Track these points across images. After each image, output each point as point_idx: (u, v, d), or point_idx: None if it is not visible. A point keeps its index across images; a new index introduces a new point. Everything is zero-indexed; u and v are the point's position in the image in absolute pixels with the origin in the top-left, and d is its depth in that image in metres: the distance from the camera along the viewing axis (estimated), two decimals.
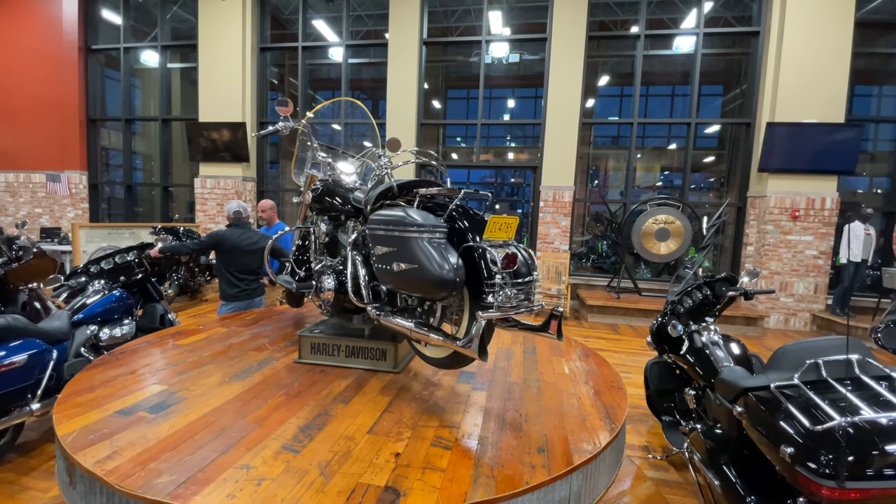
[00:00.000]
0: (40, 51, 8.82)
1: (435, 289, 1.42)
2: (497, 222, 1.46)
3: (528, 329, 1.61)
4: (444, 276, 1.39)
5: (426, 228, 1.46)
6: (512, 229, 1.50)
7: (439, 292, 1.43)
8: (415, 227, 1.46)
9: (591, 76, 9.44)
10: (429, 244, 1.45)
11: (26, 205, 9.12)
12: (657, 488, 2.58)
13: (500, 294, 1.39)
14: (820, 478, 1.32)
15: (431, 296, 1.51)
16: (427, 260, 1.42)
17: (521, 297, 1.44)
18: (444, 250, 1.45)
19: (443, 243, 1.47)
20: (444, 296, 1.47)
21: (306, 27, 8.40)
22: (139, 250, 3.56)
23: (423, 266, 1.42)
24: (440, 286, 1.40)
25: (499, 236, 1.48)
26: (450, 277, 1.39)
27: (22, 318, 2.53)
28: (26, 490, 2.35)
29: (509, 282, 1.42)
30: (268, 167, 8.96)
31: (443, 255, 1.43)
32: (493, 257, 1.41)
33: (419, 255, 1.43)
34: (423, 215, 1.51)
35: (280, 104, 2.22)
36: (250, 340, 2.36)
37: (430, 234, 1.46)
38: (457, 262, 1.43)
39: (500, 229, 1.47)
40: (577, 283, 7.76)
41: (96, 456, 1.21)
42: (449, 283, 1.40)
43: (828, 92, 6.44)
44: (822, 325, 6.57)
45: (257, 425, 1.44)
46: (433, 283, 1.41)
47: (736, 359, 2.35)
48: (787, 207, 6.57)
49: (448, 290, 1.42)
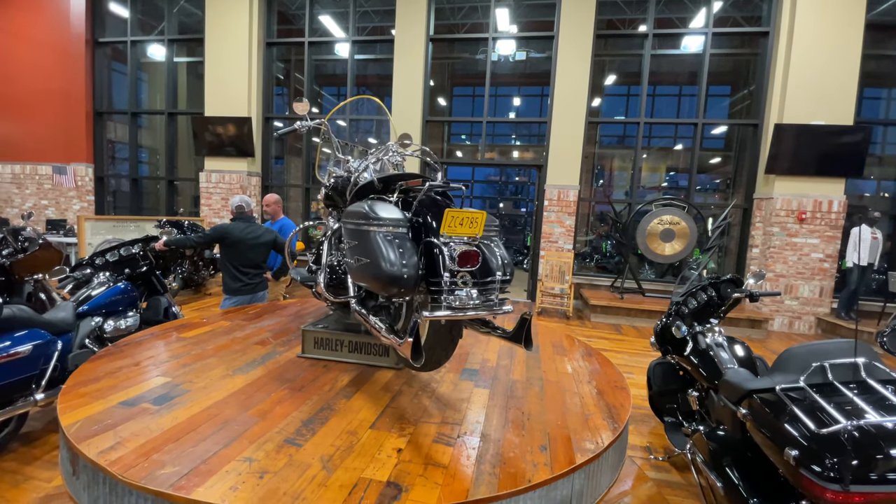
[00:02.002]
0: (48, 43, 8.85)
1: (384, 285, 1.36)
2: (457, 216, 1.34)
3: (501, 336, 1.55)
4: (392, 273, 1.33)
5: (383, 222, 1.41)
6: (478, 225, 1.38)
7: (390, 289, 1.37)
8: (372, 221, 1.41)
9: (598, 75, 9.39)
10: (383, 239, 1.39)
11: (32, 196, 9.17)
12: (658, 489, 2.57)
13: (448, 294, 1.31)
14: (824, 481, 1.31)
15: (384, 292, 1.44)
16: (378, 255, 1.36)
17: (477, 299, 1.34)
18: (400, 246, 1.39)
19: (400, 239, 1.41)
20: (395, 292, 1.39)
21: (313, 22, 8.39)
22: (144, 243, 3.56)
23: (375, 261, 1.37)
24: (389, 282, 1.34)
25: (461, 232, 1.36)
26: (398, 274, 1.33)
27: (27, 309, 2.54)
28: (29, 479, 2.36)
29: (469, 281, 1.35)
30: (273, 162, 8.97)
31: (395, 250, 1.36)
32: (450, 254, 1.33)
33: (373, 250, 1.38)
34: (386, 209, 1.45)
35: (297, 103, 2.20)
36: (254, 334, 2.36)
37: (386, 228, 1.40)
38: (409, 259, 1.36)
39: (461, 224, 1.35)
40: (580, 283, 7.74)
41: (100, 446, 1.21)
42: (398, 280, 1.33)
43: (837, 94, 6.38)
44: (826, 329, 6.52)
45: (260, 419, 1.44)
46: (382, 279, 1.35)
47: (740, 361, 2.34)
48: (794, 210, 6.52)
49: (398, 288, 1.35)
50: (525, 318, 1.47)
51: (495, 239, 1.56)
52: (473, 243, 1.39)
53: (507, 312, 1.40)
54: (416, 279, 1.38)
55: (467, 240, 1.38)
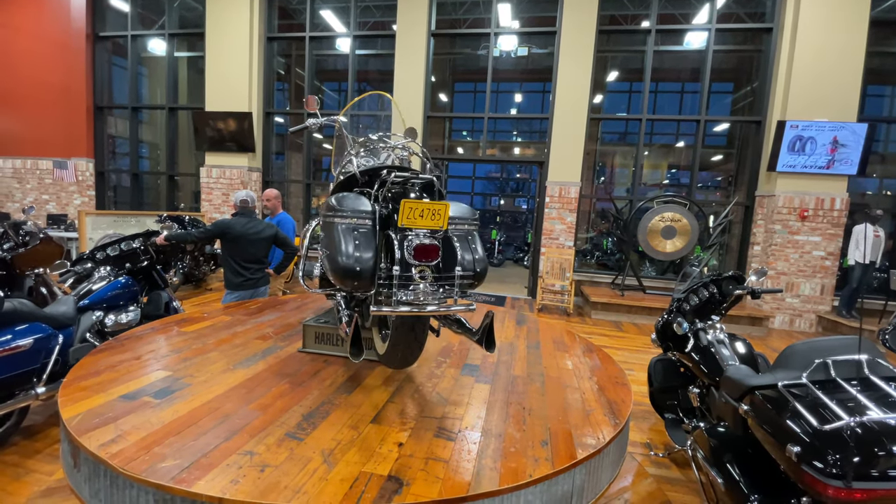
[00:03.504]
0: (48, 37, 8.82)
1: (339, 277, 1.34)
2: (416, 208, 1.29)
3: (470, 337, 1.50)
4: (345, 266, 1.30)
5: (346, 214, 1.37)
6: (440, 217, 1.32)
7: (344, 281, 1.34)
8: (336, 213, 1.38)
9: (600, 71, 9.36)
10: (344, 231, 1.35)
11: (33, 191, 9.17)
12: (658, 485, 2.57)
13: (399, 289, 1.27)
14: (826, 477, 1.31)
15: (340, 285, 1.40)
16: (336, 247, 1.33)
17: (432, 296, 1.29)
18: (358, 238, 1.35)
19: (361, 231, 1.37)
20: (350, 285, 1.36)
21: (314, 17, 8.35)
22: (145, 238, 3.56)
23: (332, 253, 1.34)
24: (343, 275, 1.32)
25: (422, 224, 1.32)
26: (350, 267, 1.30)
27: (28, 303, 2.54)
28: (31, 473, 2.37)
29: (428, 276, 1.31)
30: (273, 158, 8.95)
31: (352, 243, 1.33)
32: (407, 247, 1.29)
33: (333, 242, 1.36)
34: (353, 201, 1.41)
35: (307, 102, 2.17)
36: (254, 329, 2.36)
37: (349, 220, 1.37)
38: (364, 253, 1.32)
39: (421, 216, 1.31)
40: (581, 280, 7.73)
41: (101, 439, 1.21)
42: (350, 273, 1.30)
43: (840, 91, 6.34)
44: (827, 327, 6.52)
45: (261, 412, 1.44)
46: (337, 272, 1.33)
47: (741, 357, 2.34)
48: (796, 207, 6.50)
49: (352, 280, 1.32)
50: (486, 319, 1.41)
51: (473, 233, 1.50)
52: (437, 237, 1.34)
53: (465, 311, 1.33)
54: (371, 273, 1.33)
55: (429, 233, 1.33)
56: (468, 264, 1.40)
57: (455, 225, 1.49)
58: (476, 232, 1.53)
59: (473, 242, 1.47)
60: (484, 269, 1.44)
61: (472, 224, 1.52)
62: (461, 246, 1.43)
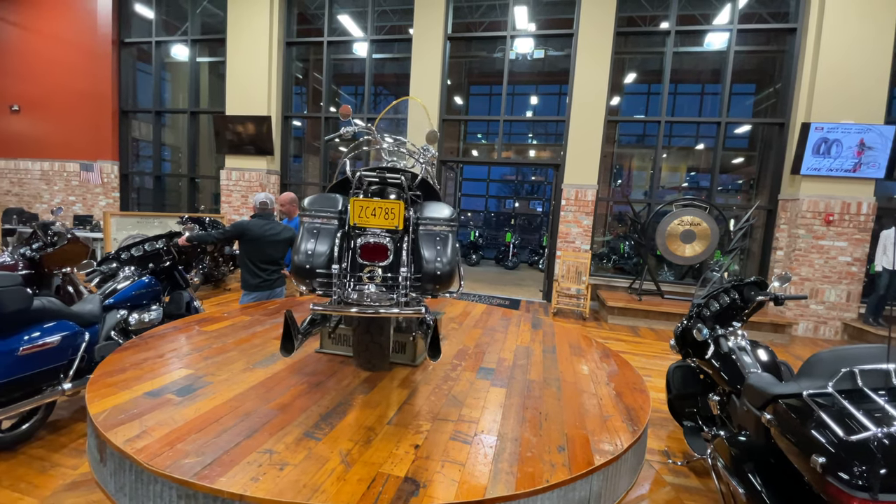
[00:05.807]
0: (76, 44, 9.12)
1: (292, 273, 1.34)
2: (367, 206, 1.28)
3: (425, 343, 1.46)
4: (296, 262, 1.31)
5: (312, 213, 1.38)
6: (394, 216, 1.30)
7: (296, 277, 1.34)
8: (304, 212, 1.39)
9: (618, 73, 9.26)
10: (305, 229, 1.36)
11: (60, 192, 9.46)
12: (677, 494, 2.52)
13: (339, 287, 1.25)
14: (852, 489, 1.27)
15: (295, 281, 1.40)
16: (297, 245, 1.34)
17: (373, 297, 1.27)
18: (317, 237, 1.35)
19: (323, 229, 1.37)
20: (302, 282, 1.35)
21: (332, 22, 8.47)
22: (167, 239, 3.65)
23: (294, 251, 1.35)
24: (296, 272, 1.32)
25: (374, 223, 1.30)
26: (300, 263, 1.30)
27: (56, 301, 2.62)
28: (56, 466, 2.44)
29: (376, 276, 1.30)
30: (291, 161, 9.08)
31: (309, 241, 1.33)
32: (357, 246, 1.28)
33: (297, 240, 1.37)
34: (323, 201, 1.41)
35: (342, 110, 2.20)
36: (272, 329, 2.39)
37: (311, 219, 1.37)
38: (315, 250, 1.31)
39: (373, 215, 1.30)
40: (597, 284, 7.65)
41: (126, 435, 1.24)
42: (300, 270, 1.30)
43: (867, 92, 6.17)
44: (853, 335, 6.32)
45: (280, 412, 1.46)
46: (294, 269, 1.33)
47: (764, 365, 2.29)
48: (821, 211, 6.33)
49: (301, 277, 1.31)
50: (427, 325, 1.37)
51: (446, 234, 1.46)
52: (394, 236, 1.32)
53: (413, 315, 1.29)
54: (323, 270, 1.33)
55: (385, 232, 1.32)
56: (429, 266, 1.36)
57: (424, 225, 1.45)
58: (451, 234, 1.48)
59: (442, 244, 1.42)
60: (446, 273, 1.40)
61: (447, 225, 1.47)
62: (426, 246, 1.39)
